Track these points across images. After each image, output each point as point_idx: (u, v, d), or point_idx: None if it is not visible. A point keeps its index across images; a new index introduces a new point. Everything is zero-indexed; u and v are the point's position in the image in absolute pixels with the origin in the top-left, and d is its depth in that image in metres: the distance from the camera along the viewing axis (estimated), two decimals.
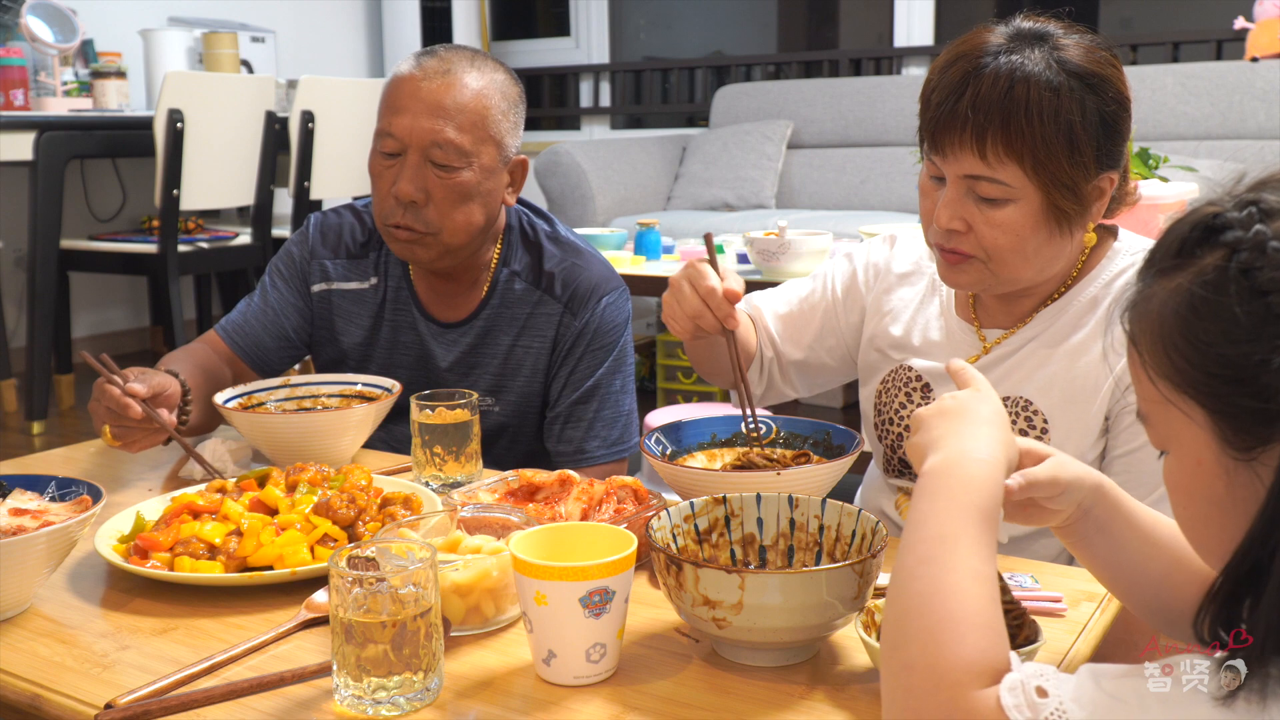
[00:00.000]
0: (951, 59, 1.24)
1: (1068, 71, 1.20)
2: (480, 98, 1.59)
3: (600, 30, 6.17)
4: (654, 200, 5.14)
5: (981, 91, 1.20)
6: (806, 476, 1.18)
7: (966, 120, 1.20)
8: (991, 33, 1.24)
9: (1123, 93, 1.25)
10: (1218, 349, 0.66)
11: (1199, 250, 0.69)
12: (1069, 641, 1.00)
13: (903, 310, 1.47)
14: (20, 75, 3.99)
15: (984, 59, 1.21)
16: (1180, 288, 0.69)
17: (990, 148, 1.20)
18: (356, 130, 4.26)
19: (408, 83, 1.59)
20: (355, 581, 0.88)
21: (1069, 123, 1.19)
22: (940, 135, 1.24)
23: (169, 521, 1.17)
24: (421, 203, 1.58)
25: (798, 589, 0.90)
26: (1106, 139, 1.23)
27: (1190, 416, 0.69)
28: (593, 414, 1.71)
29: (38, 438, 3.81)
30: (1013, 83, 1.19)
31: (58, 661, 0.99)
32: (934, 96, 1.25)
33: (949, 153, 1.23)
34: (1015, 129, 1.19)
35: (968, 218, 1.25)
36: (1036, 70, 1.19)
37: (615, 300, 1.72)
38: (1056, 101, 1.19)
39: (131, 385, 1.39)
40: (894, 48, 5.34)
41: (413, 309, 1.74)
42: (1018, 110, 1.19)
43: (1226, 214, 0.68)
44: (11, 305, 4.53)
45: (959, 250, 1.27)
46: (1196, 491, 0.72)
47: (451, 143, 1.56)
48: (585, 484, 1.22)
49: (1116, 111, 1.23)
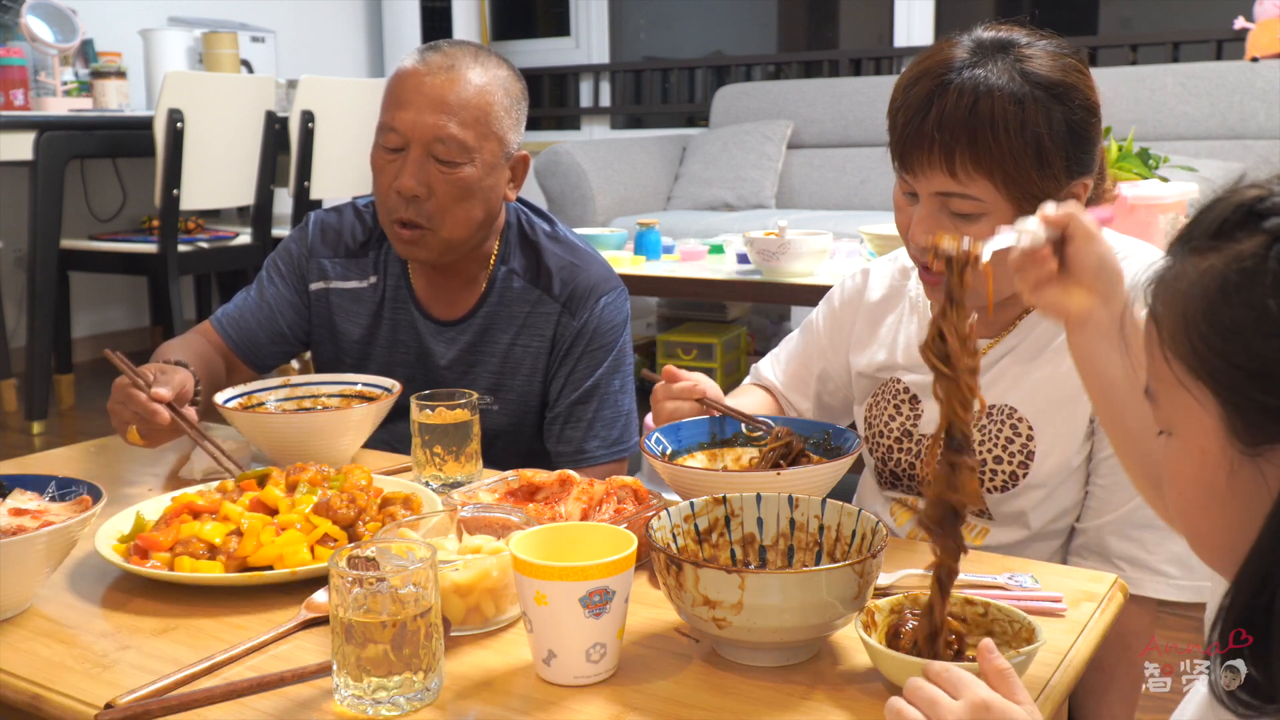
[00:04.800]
0: (915, 76, 1.23)
1: (1032, 82, 1.18)
2: (483, 94, 1.59)
3: (600, 30, 6.17)
4: (654, 200, 5.14)
5: (946, 109, 1.18)
6: (806, 476, 1.18)
7: (934, 139, 1.19)
8: (955, 46, 1.23)
9: (1090, 98, 1.23)
10: (1244, 339, 0.64)
11: (1238, 233, 0.65)
12: (1069, 641, 1.00)
13: (886, 335, 1.47)
14: (20, 75, 3.99)
15: (948, 75, 1.20)
16: (1213, 269, 0.66)
17: (959, 165, 1.19)
18: (356, 130, 4.26)
19: (411, 77, 1.59)
20: (355, 581, 0.88)
21: (1036, 135, 1.18)
22: (909, 155, 1.23)
23: (169, 521, 1.17)
24: (423, 197, 1.58)
25: (798, 589, 0.90)
26: (1075, 147, 1.21)
27: (1201, 403, 0.67)
28: (592, 414, 1.71)
29: (38, 438, 3.80)
30: (977, 98, 1.17)
31: (58, 661, 0.99)
32: (900, 116, 1.24)
33: (919, 171, 1.22)
34: (983, 145, 1.17)
35: (943, 230, 1.23)
36: (1000, 83, 1.18)
37: (614, 300, 1.72)
38: (1022, 114, 1.17)
39: (157, 391, 1.40)
40: (894, 48, 5.34)
41: (411, 307, 1.74)
42: (984, 126, 1.17)
43: (1273, 199, 0.65)
44: (11, 305, 4.53)
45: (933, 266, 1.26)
46: (1196, 480, 0.70)
47: (454, 138, 1.56)
48: (585, 484, 1.22)
49: (1084, 119, 1.21)
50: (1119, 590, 1.12)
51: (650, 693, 0.92)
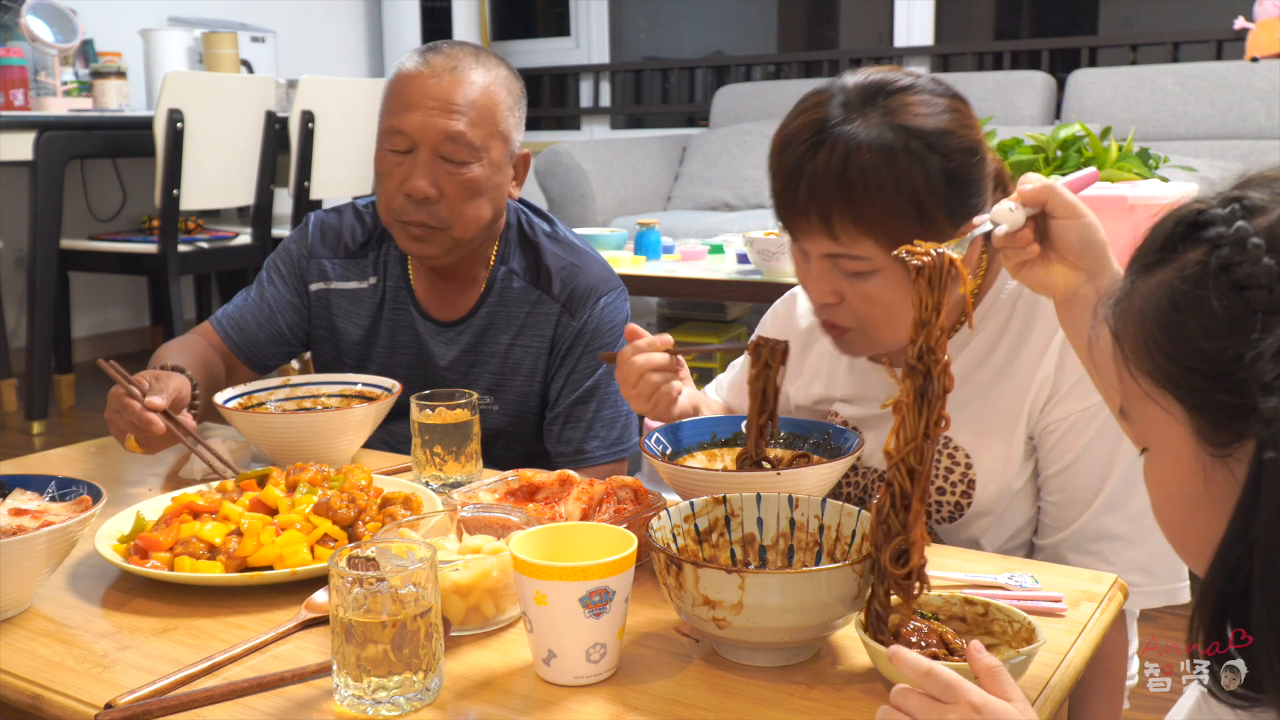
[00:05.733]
0: (786, 140, 1.20)
1: (906, 133, 1.14)
2: (488, 93, 1.60)
3: (600, 30, 6.17)
4: (654, 200, 5.14)
5: (818, 173, 1.15)
6: (806, 477, 1.18)
7: (809, 207, 1.17)
8: (826, 102, 1.19)
9: (969, 139, 1.18)
10: (1196, 343, 0.67)
11: (1182, 246, 0.69)
12: (1069, 641, 1.00)
13: (819, 365, 1.44)
14: (20, 75, 3.99)
15: (818, 136, 1.16)
16: (1162, 283, 0.69)
17: (839, 228, 1.16)
18: (356, 130, 4.26)
19: (416, 79, 1.59)
20: (355, 581, 0.88)
21: (912, 190, 1.14)
22: (788, 223, 1.21)
23: (169, 521, 1.17)
24: (434, 199, 1.58)
25: (798, 589, 0.90)
26: (957, 195, 1.17)
27: (1169, 413, 0.70)
28: (592, 414, 1.71)
29: (38, 438, 3.81)
30: (848, 157, 1.14)
31: (58, 661, 0.99)
32: (775, 183, 1.21)
33: (802, 237, 1.21)
34: (859, 207, 1.14)
35: (839, 290, 1.22)
36: (871, 138, 1.14)
37: (614, 301, 1.72)
38: (895, 170, 1.13)
39: (151, 400, 1.40)
40: (894, 48, 5.34)
41: (411, 308, 1.74)
42: (856, 187, 1.14)
43: (1210, 210, 0.69)
44: (11, 305, 4.53)
45: (835, 324, 1.25)
46: (1177, 491, 0.72)
47: (464, 138, 1.57)
48: (585, 484, 1.22)
49: (964, 163, 1.17)
50: (1119, 590, 1.12)
51: (650, 693, 0.92)
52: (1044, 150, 3.03)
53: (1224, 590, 0.67)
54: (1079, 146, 3.03)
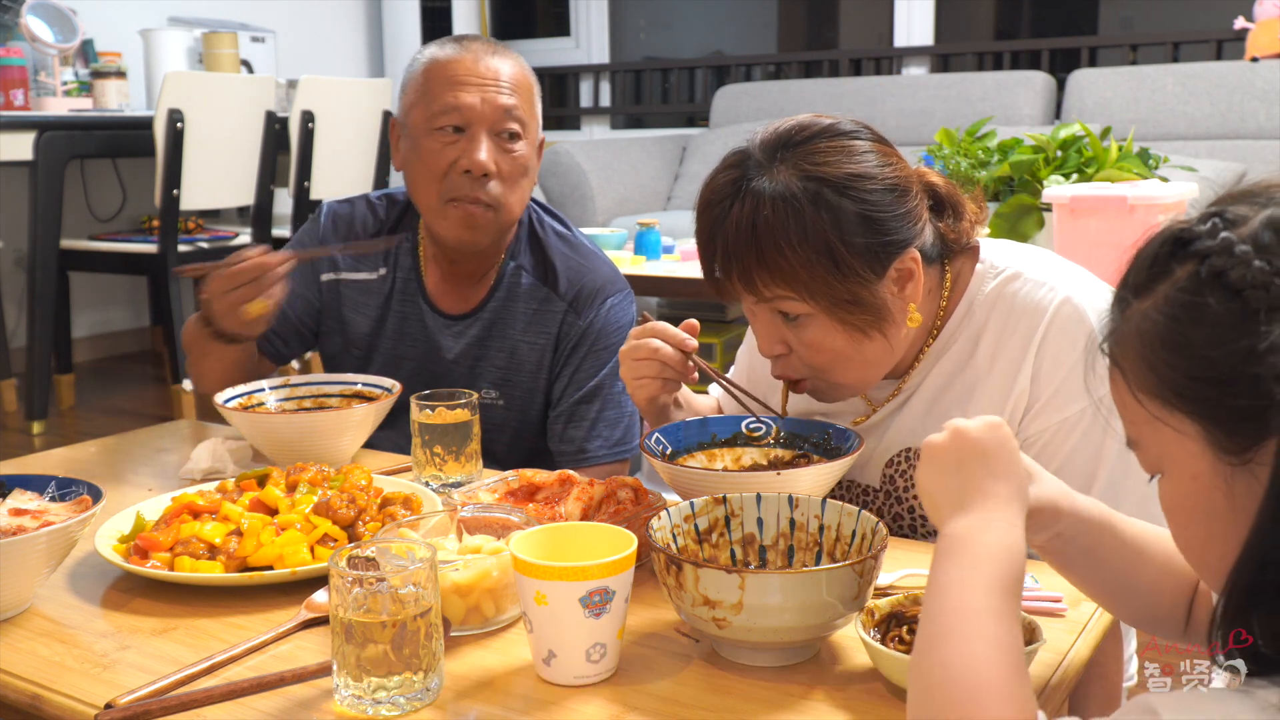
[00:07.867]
0: (705, 201, 1.20)
1: (816, 181, 1.13)
2: (525, 75, 1.67)
3: (600, 30, 6.17)
4: (654, 200, 5.14)
5: (729, 234, 1.16)
6: (806, 476, 1.18)
7: (729, 269, 1.18)
8: (745, 158, 1.18)
9: (890, 178, 1.17)
10: (1201, 351, 0.67)
11: (1171, 264, 0.70)
12: (1069, 641, 1.00)
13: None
14: (20, 75, 3.99)
15: (726, 200, 1.17)
16: (1158, 300, 0.70)
17: (761, 284, 1.17)
18: (356, 130, 4.26)
19: (460, 63, 1.62)
20: (355, 581, 0.88)
21: (824, 240, 1.13)
22: (712, 282, 1.22)
23: (169, 521, 1.17)
24: (493, 174, 1.61)
25: (798, 589, 0.90)
26: (875, 238, 1.15)
27: (1181, 431, 0.69)
28: (595, 414, 1.71)
29: (38, 438, 3.80)
30: (755, 215, 1.14)
31: (58, 661, 0.99)
32: (697, 242, 1.22)
33: (732, 294, 1.21)
34: (772, 263, 1.14)
35: (785, 340, 1.22)
36: (777, 191, 1.14)
37: (620, 302, 1.73)
38: (803, 223, 1.13)
39: (246, 251, 1.52)
40: (894, 48, 5.34)
41: (420, 300, 1.74)
42: (767, 244, 1.14)
43: (1192, 228, 0.70)
44: (11, 305, 4.53)
45: (788, 375, 1.25)
46: (1196, 509, 0.71)
47: (517, 112, 1.62)
48: (585, 484, 1.22)
49: (880, 203, 1.15)
50: None
51: (650, 693, 0.92)
52: (1044, 150, 3.04)
53: (1254, 582, 0.66)
54: (1079, 146, 3.03)
